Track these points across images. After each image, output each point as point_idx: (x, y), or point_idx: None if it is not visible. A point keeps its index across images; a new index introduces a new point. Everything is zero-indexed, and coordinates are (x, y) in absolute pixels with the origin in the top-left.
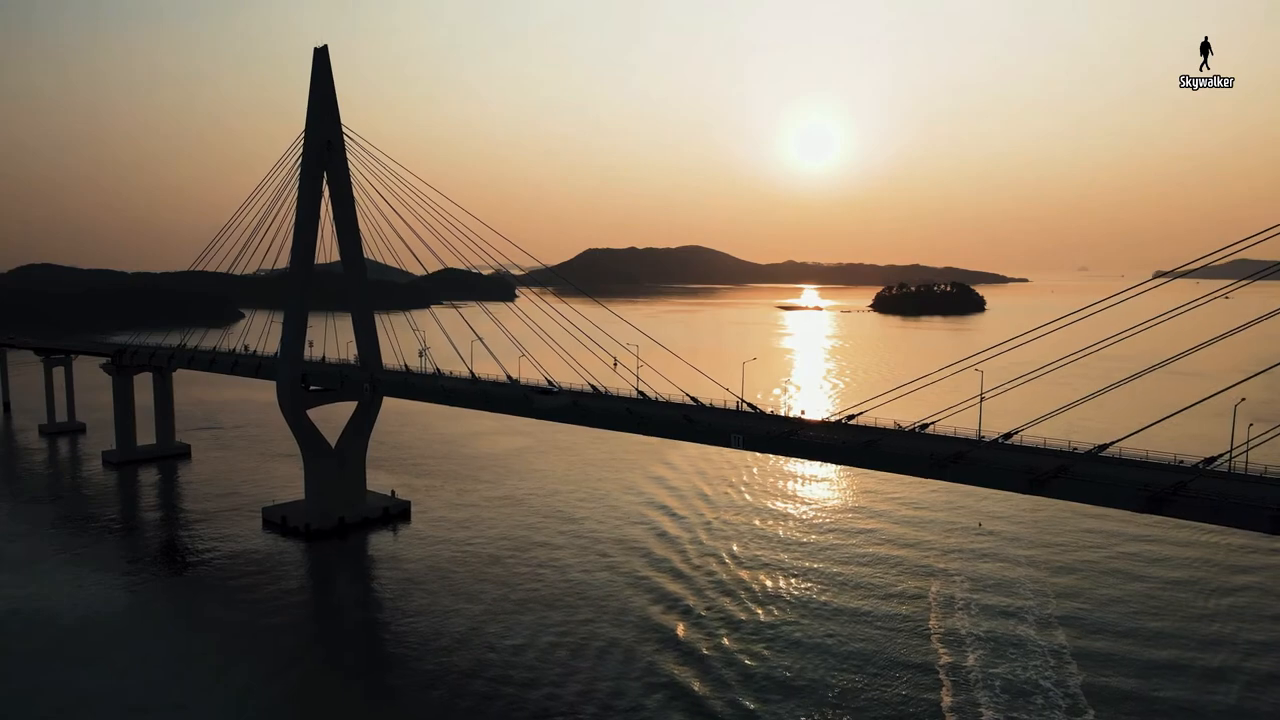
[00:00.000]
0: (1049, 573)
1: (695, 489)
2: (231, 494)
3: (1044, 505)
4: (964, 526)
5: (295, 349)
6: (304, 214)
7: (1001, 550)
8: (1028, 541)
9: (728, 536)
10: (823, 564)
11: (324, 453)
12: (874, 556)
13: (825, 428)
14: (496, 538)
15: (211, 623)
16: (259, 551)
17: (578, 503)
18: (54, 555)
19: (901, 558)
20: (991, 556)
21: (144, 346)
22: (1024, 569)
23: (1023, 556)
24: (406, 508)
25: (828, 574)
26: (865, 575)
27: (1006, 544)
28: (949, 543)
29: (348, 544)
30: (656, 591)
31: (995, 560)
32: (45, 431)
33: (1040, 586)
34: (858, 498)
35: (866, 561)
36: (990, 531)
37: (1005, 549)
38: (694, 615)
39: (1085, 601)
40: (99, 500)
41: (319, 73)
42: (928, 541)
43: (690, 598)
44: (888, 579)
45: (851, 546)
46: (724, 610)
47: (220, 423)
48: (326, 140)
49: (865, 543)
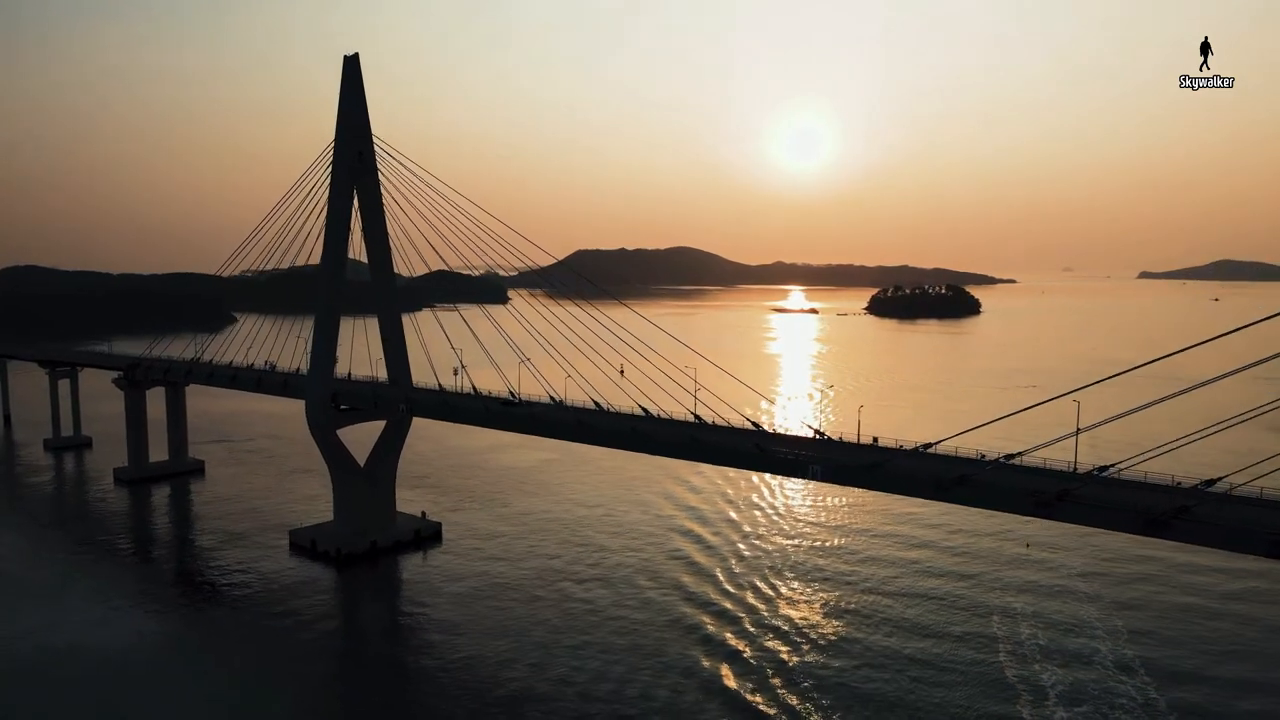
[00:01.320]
0: (1116, 609)
1: (723, 506)
2: (253, 514)
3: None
4: (1013, 552)
5: (325, 367)
6: (333, 227)
7: (1056, 577)
8: (1079, 567)
9: (763, 562)
10: (870, 589)
11: (353, 472)
12: (924, 586)
13: (910, 457)
14: (531, 562)
15: (248, 657)
16: (290, 578)
17: (609, 524)
18: (80, 584)
19: (954, 588)
20: (1051, 589)
21: (159, 360)
22: (1087, 603)
23: (1080, 581)
24: (438, 530)
25: (877, 601)
26: (918, 608)
27: (1057, 567)
28: (1004, 573)
29: (380, 569)
30: (695, 625)
31: (1052, 587)
32: (50, 446)
33: (1108, 622)
34: (894, 515)
35: (916, 592)
36: (1040, 559)
37: (1058, 574)
38: (737, 653)
39: (1163, 645)
40: (117, 522)
41: (349, 81)
42: (978, 568)
43: (731, 632)
44: (943, 613)
45: (897, 572)
46: (770, 650)
47: (230, 435)
48: (358, 151)
49: (911, 570)
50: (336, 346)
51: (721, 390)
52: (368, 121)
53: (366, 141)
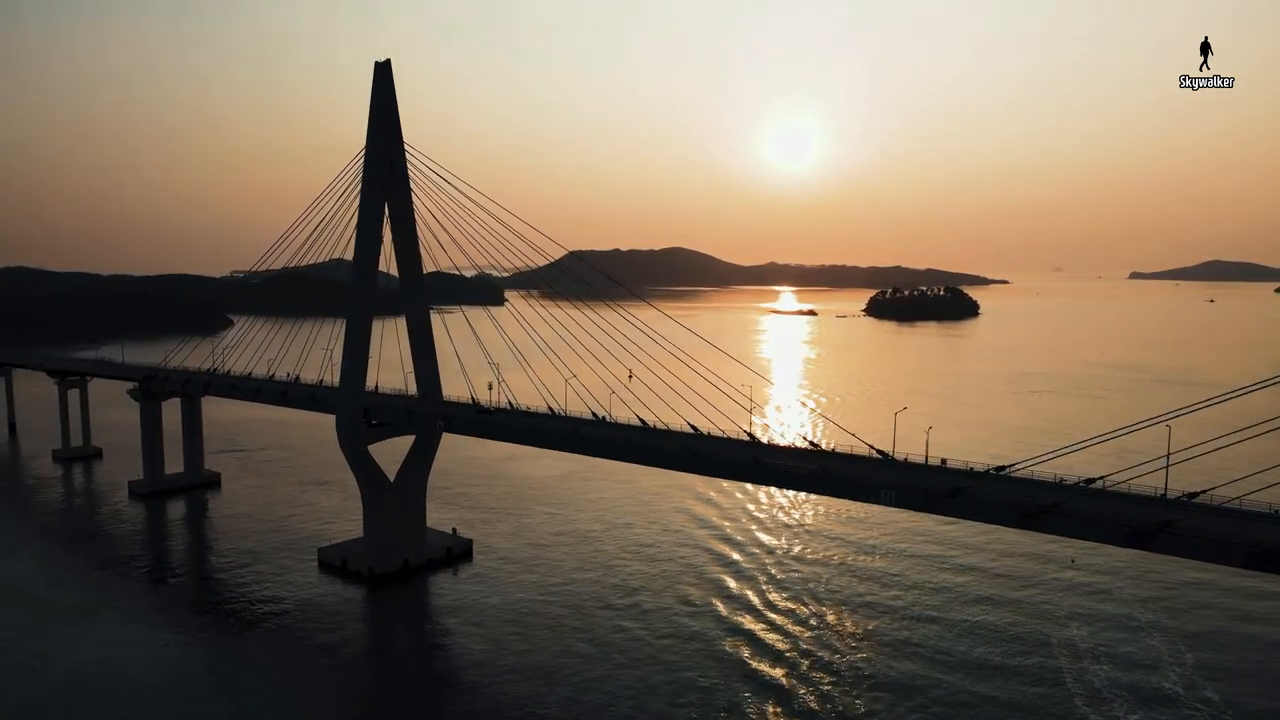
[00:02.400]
0: (1181, 640)
1: (745, 519)
2: (277, 530)
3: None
4: (1059, 574)
5: (356, 382)
6: (364, 237)
7: (1109, 600)
8: (1130, 585)
9: (795, 580)
10: (915, 615)
11: (384, 488)
12: (973, 612)
13: (992, 481)
14: (563, 581)
15: (285, 683)
16: (322, 598)
17: (636, 539)
18: (106, 604)
19: (1006, 616)
20: (1108, 618)
21: (176, 372)
22: (1149, 631)
23: (1133, 602)
24: (468, 546)
25: (924, 628)
26: (969, 637)
27: (1107, 587)
28: (1057, 599)
29: (412, 589)
30: (732, 651)
31: (1109, 613)
32: (59, 457)
33: (1173, 649)
34: (923, 532)
35: (965, 619)
36: (1091, 581)
37: (1110, 595)
38: (778, 683)
39: (1234, 677)
40: (136, 538)
41: (380, 88)
42: (1026, 592)
43: (768, 661)
44: (999, 644)
45: (942, 597)
46: (811, 677)
47: (242, 445)
48: (389, 158)
49: (956, 593)
50: (368, 360)
51: (735, 396)
52: (399, 128)
53: (398, 149)
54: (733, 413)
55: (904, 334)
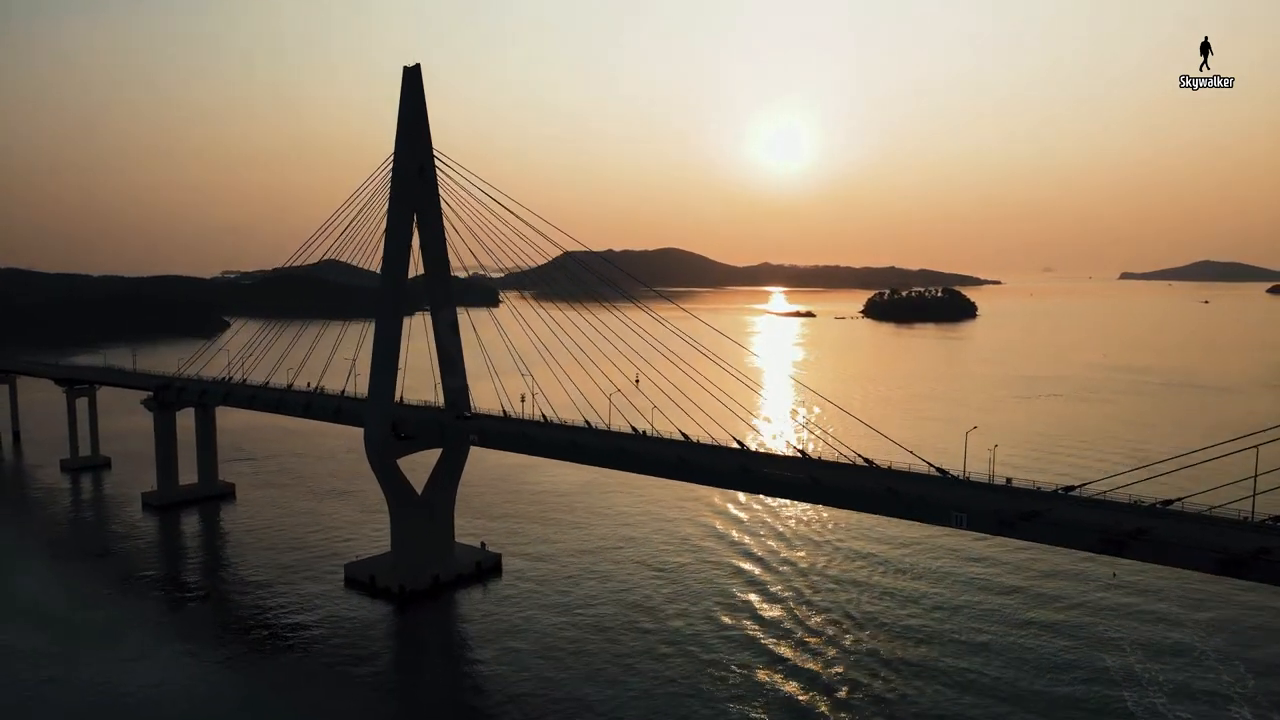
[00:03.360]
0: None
1: (770, 532)
2: (298, 545)
3: None
4: (1102, 596)
5: (385, 395)
6: (393, 246)
7: (1169, 625)
8: (1176, 600)
9: (836, 598)
10: (961, 639)
11: (412, 503)
12: (1024, 637)
13: (1069, 503)
14: (595, 598)
15: (328, 713)
16: (352, 618)
17: (668, 551)
18: (136, 625)
19: (1056, 643)
20: (1170, 648)
21: (192, 381)
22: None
23: (1197, 627)
24: (497, 561)
25: (972, 656)
26: (1020, 666)
27: (1153, 601)
28: (1110, 625)
29: (443, 606)
30: (765, 674)
31: (1172, 642)
32: (67, 467)
33: (1234, 673)
34: (955, 550)
35: (1018, 645)
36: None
37: (1159, 613)
38: (818, 712)
39: None
40: (155, 553)
41: (409, 93)
42: (1073, 616)
43: (806, 687)
44: (1051, 665)
45: (988, 622)
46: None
47: (252, 453)
48: (419, 166)
49: (1001, 616)
50: (397, 373)
51: (759, 405)
52: (429, 134)
53: (428, 155)
54: (766, 424)
55: (904, 336)
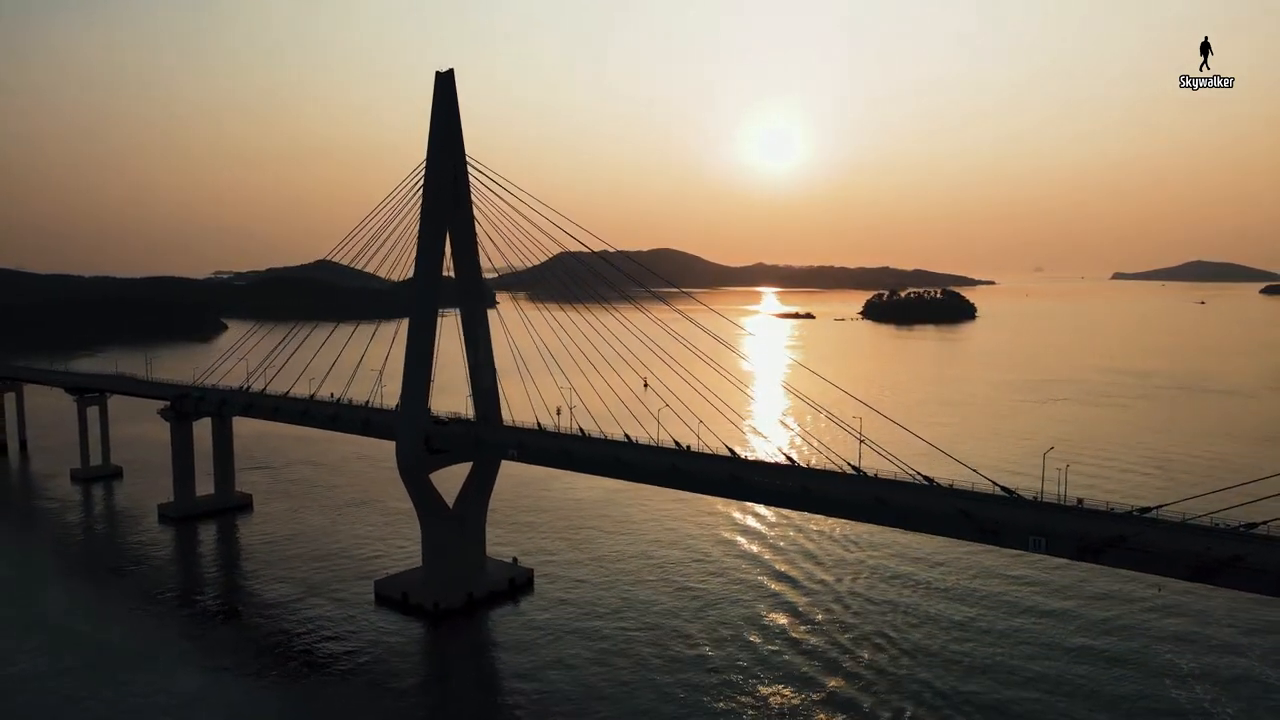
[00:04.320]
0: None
1: (809, 543)
2: (323, 559)
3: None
4: (1152, 619)
5: (418, 407)
6: (426, 257)
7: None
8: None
9: (875, 618)
10: (1007, 661)
11: (443, 516)
12: (1065, 650)
13: (1156, 527)
14: (631, 616)
15: None
16: (387, 637)
17: (697, 566)
18: (167, 647)
19: (1112, 670)
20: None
21: (210, 391)
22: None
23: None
24: (529, 576)
25: (1022, 680)
26: (1061, 675)
27: (1204, 617)
28: (1164, 649)
29: (477, 625)
30: (801, 700)
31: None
32: (79, 477)
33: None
34: (977, 560)
35: (1049, 651)
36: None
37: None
38: None
39: None
40: (177, 568)
41: (441, 98)
42: (1113, 639)
43: (843, 712)
44: (1107, 697)
45: (1023, 630)
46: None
47: (267, 462)
48: (453, 173)
49: (1038, 628)
50: (430, 385)
51: (776, 412)
52: (462, 141)
53: (461, 163)
54: (800, 435)
55: (906, 338)
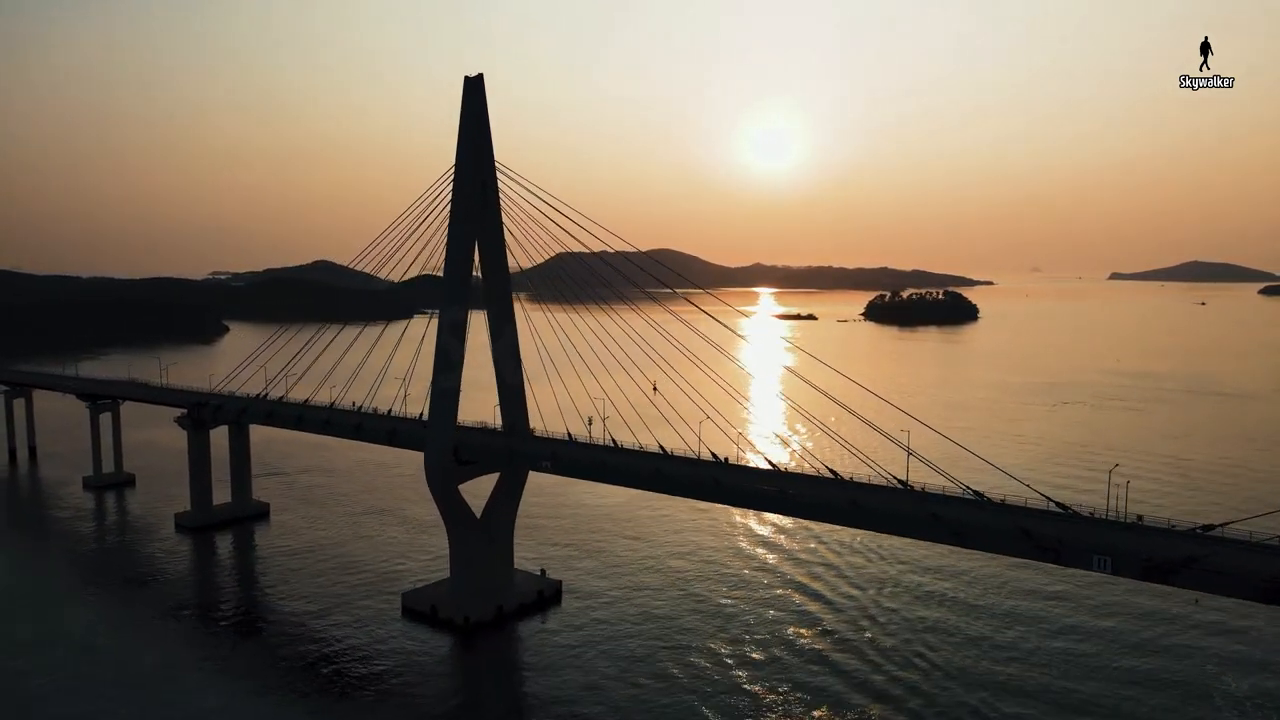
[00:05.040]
0: None
1: (836, 553)
2: (346, 571)
3: None
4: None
5: (447, 418)
6: (454, 266)
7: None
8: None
9: (910, 635)
10: (1057, 684)
11: (472, 527)
12: (1116, 679)
13: (1230, 549)
14: (663, 628)
15: None
16: (417, 652)
17: (731, 577)
18: (195, 665)
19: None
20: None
21: (229, 399)
22: None
23: None
24: (558, 589)
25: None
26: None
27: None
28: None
29: (507, 639)
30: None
31: None
32: (91, 485)
33: None
34: (1025, 572)
35: (1099, 669)
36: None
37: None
38: None
39: None
40: (197, 580)
41: (470, 104)
42: (1159, 660)
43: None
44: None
45: (1068, 653)
46: None
47: (280, 468)
48: (482, 180)
49: (1082, 651)
50: (459, 395)
51: (797, 419)
52: (491, 147)
53: (490, 167)
54: (834, 442)
55: (910, 340)
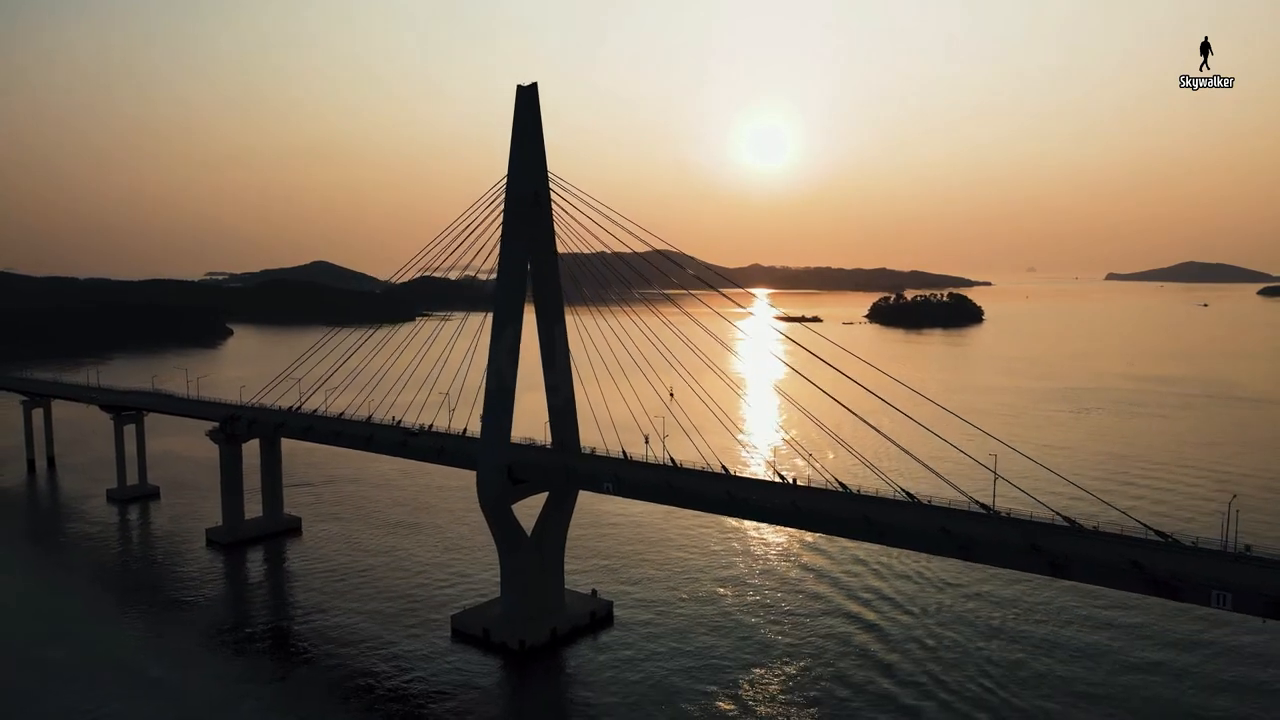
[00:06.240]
0: None
1: (888, 573)
2: (389, 590)
3: None
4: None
5: (500, 437)
6: (507, 281)
7: None
8: None
9: (977, 658)
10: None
11: (523, 548)
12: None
13: None
14: (713, 651)
15: None
16: (474, 681)
17: (778, 595)
18: (250, 695)
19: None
20: None
21: (263, 412)
22: None
23: None
24: (609, 609)
25: None
26: None
27: None
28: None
29: (562, 663)
30: None
31: None
32: (115, 498)
33: None
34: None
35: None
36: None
37: None
38: None
39: None
40: (239, 601)
41: (523, 114)
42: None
43: None
44: None
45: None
46: None
47: (307, 479)
48: (534, 191)
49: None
50: (512, 412)
51: (849, 432)
52: (544, 158)
53: (543, 181)
54: (909, 463)
55: (918, 343)
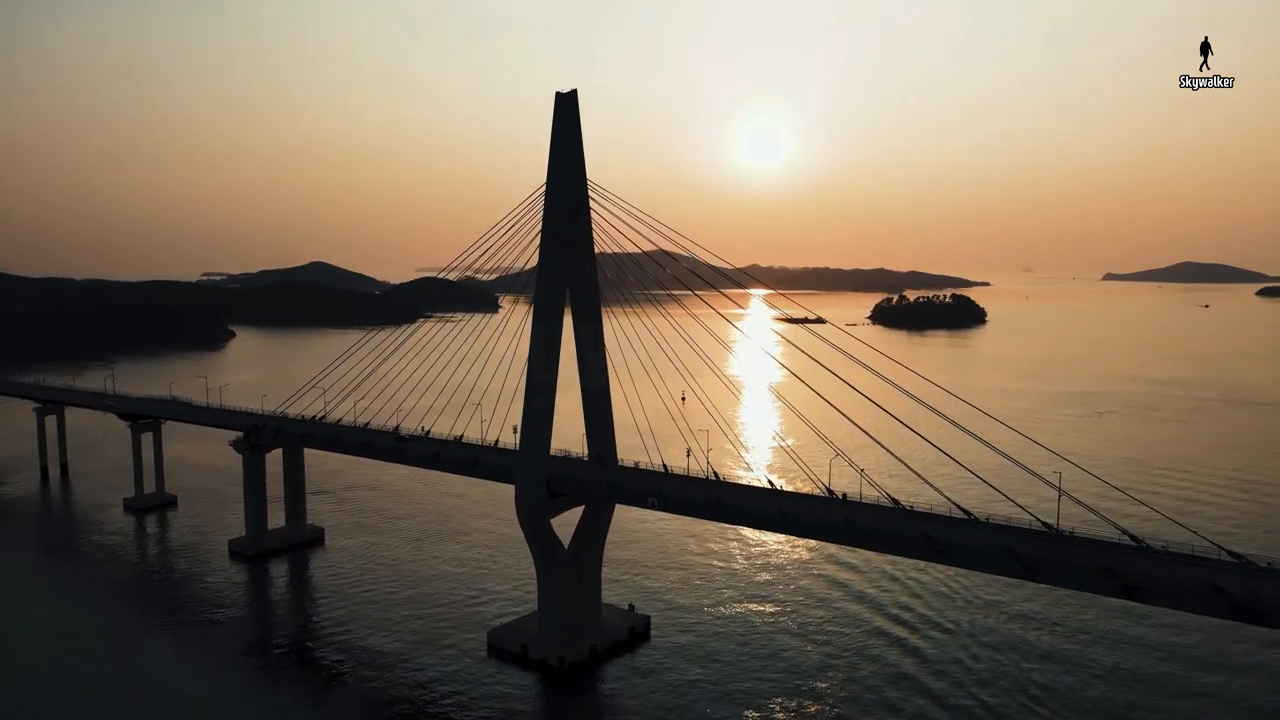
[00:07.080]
0: None
1: (935, 586)
2: (420, 603)
3: None
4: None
5: (540, 450)
6: (546, 292)
7: None
8: None
9: (1014, 671)
10: None
11: (560, 561)
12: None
13: None
14: (759, 666)
15: None
16: (514, 702)
17: (813, 607)
18: (289, 713)
19: None
20: None
21: (289, 421)
22: None
23: None
24: (647, 624)
25: None
26: None
27: None
28: None
29: (602, 680)
30: None
31: None
32: (132, 507)
33: None
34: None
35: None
36: None
37: None
38: None
39: None
40: (268, 616)
41: (563, 122)
42: None
43: None
44: None
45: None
46: None
47: (325, 486)
48: (574, 202)
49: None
50: (552, 425)
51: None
52: (584, 167)
53: (582, 185)
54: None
55: (923, 345)
